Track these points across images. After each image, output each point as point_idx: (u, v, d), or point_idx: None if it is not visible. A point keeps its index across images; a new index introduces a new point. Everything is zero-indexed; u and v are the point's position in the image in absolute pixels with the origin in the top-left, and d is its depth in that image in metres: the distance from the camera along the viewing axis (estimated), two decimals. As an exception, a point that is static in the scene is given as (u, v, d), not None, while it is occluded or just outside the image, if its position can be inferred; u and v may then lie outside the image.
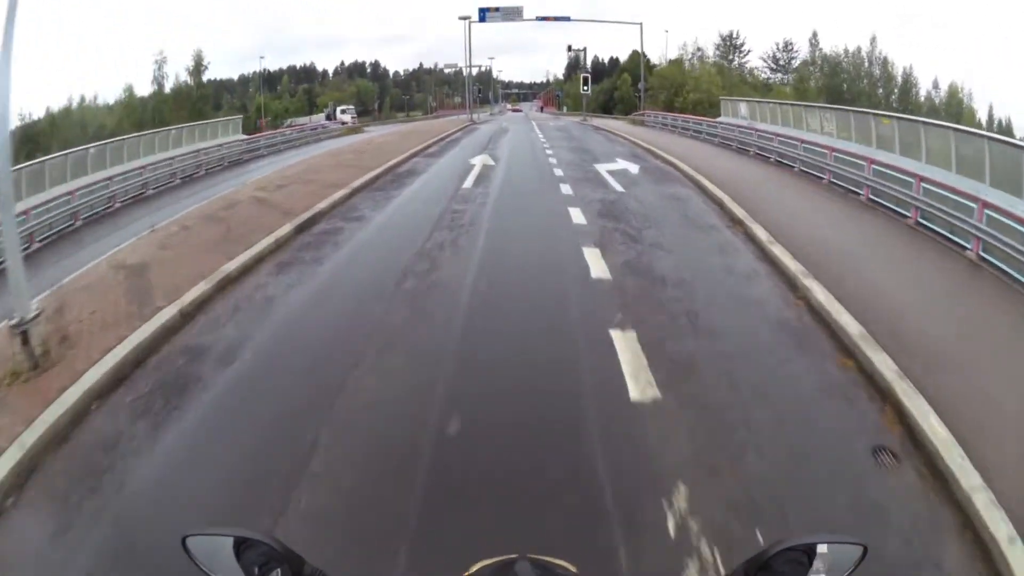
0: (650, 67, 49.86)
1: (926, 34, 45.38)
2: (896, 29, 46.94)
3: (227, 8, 64.62)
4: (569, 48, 38.96)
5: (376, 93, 62.93)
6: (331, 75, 62.22)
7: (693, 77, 34.37)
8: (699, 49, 39.26)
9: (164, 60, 43.22)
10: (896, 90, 37.23)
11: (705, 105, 32.54)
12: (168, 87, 44.14)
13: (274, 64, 57.21)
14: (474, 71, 57.73)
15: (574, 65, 53.53)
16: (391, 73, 63.39)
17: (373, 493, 3.57)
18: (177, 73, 44.06)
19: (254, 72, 53.93)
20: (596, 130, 29.41)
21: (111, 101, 41.11)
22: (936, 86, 37.40)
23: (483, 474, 3.70)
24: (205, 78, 46.67)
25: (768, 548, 0.96)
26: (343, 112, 46.88)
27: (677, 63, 38.83)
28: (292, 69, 58.66)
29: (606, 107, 44.94)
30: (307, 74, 61.54)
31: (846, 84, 37.06)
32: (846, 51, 37.93)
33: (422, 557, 2.99)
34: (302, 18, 70.92)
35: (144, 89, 42.85)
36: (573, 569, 1.09)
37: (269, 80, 56.85)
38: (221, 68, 51.92)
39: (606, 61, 52.47)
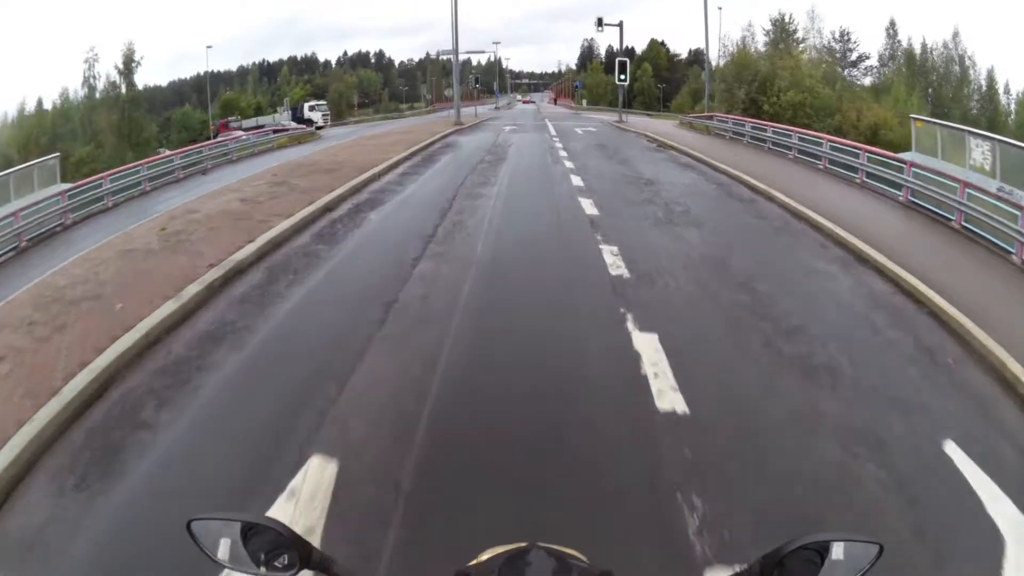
0: (671, 57, 38.67)
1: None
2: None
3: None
4: (599, 22, 26.48)
5: (381, 83, 54.66)
6: (334, 65, 54.63)
7: (786, 69, 21.05)
8: (783, 29, 24.73)
9: (95, 58, 32.39)
10: (975, 95, 24.75)
11: (806, 110, 19.96)
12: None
13: (280, 55, 48.84)
14: (482, 60, 46.97)
15: (587, 55, 44.41)
16: (396, 63, 55.29)
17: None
18: (108, 74, 33.74)
19: (252, 63, 45.34)
20: (658, 148, 16.51)
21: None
22: (1007, 91, 25.29)
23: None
24: (188, 74, 36.76)
25: (783, 546, 0.87)
26: (311, 110, 35.68)
27: (738, 52, 24.67)
28: (292, 60, 50.97)
29: (624, 101, 33.03)
30: (308, 64, 53.52)
31: (932, 88, 23.98)
32: (923, 46, 24.85)
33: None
34: (312, 7, 60.25)
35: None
36: (583, 558, 0.98)
37: (269, 71, 49.15)
38: (220, 60, 43.85)
39: (620, 51, 42.61)
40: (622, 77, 25.61)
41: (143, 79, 34.86)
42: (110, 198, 14.96)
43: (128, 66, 33.75)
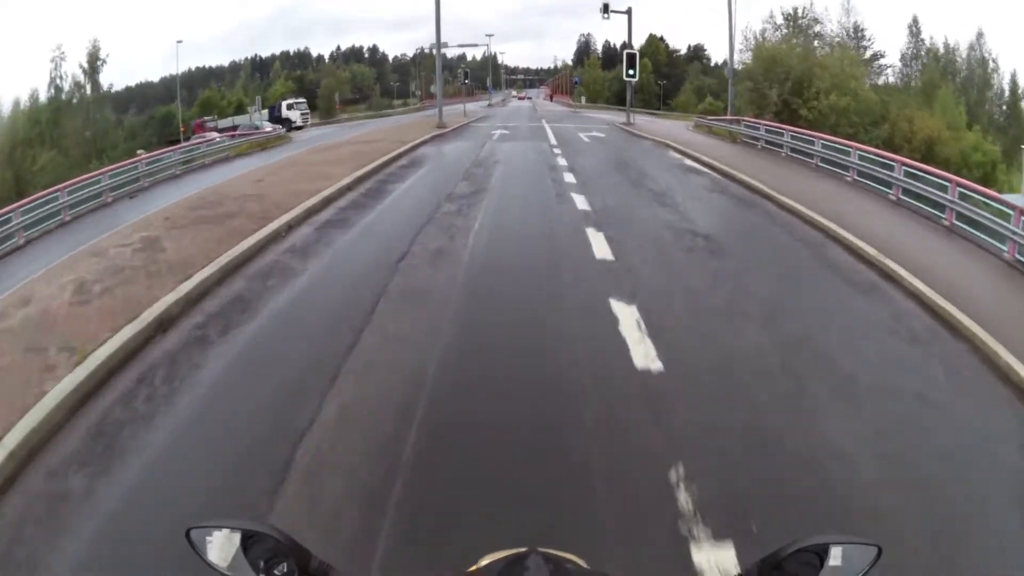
0: (670, 53, 36.51)
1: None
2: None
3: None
4: (605, 8, 22.59)
5: (374, 79, 51.69)
6: (327, 60, 51.70)
7: (825, 68, 17.47)
8: (804, 21, 20.89)
9: (62, 57, 28.99)
10: (997, 99, 23.08)
11: (849, 116, 16.39)
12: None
13: (274, 49, 44.75)
14: (477, 55, 43.22)
15: (584, 50, 42.07)
16: (391, 58, 52.39)
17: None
18: (73, 74, 30.36)
19: (245, 58, 42.93)
20: (689, 166, 13.15)
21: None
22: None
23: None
24: (182, 69, 33.84)
25: (781, 549, 0.85)
26: (290, 108, 32.29)
27: (763, 46, 20.66)
28: (285, 55, 48.14)
29: (620, 97, 30.20)
30: (301, 59, 50.61)
31: (956, 92, 20.82)
32: (946, 46, 22.02)
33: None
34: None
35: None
36: (582, 563, 0.97)
37: (262, 66, 46.29)
38: (215, 55, 41.55)
39: (616, 46, 38.94)
40: (631, 72, 22.11)
41: (137, 76, 32.09)
42: (22, 234, 12.26)
43: (93, 65, 30.41)
